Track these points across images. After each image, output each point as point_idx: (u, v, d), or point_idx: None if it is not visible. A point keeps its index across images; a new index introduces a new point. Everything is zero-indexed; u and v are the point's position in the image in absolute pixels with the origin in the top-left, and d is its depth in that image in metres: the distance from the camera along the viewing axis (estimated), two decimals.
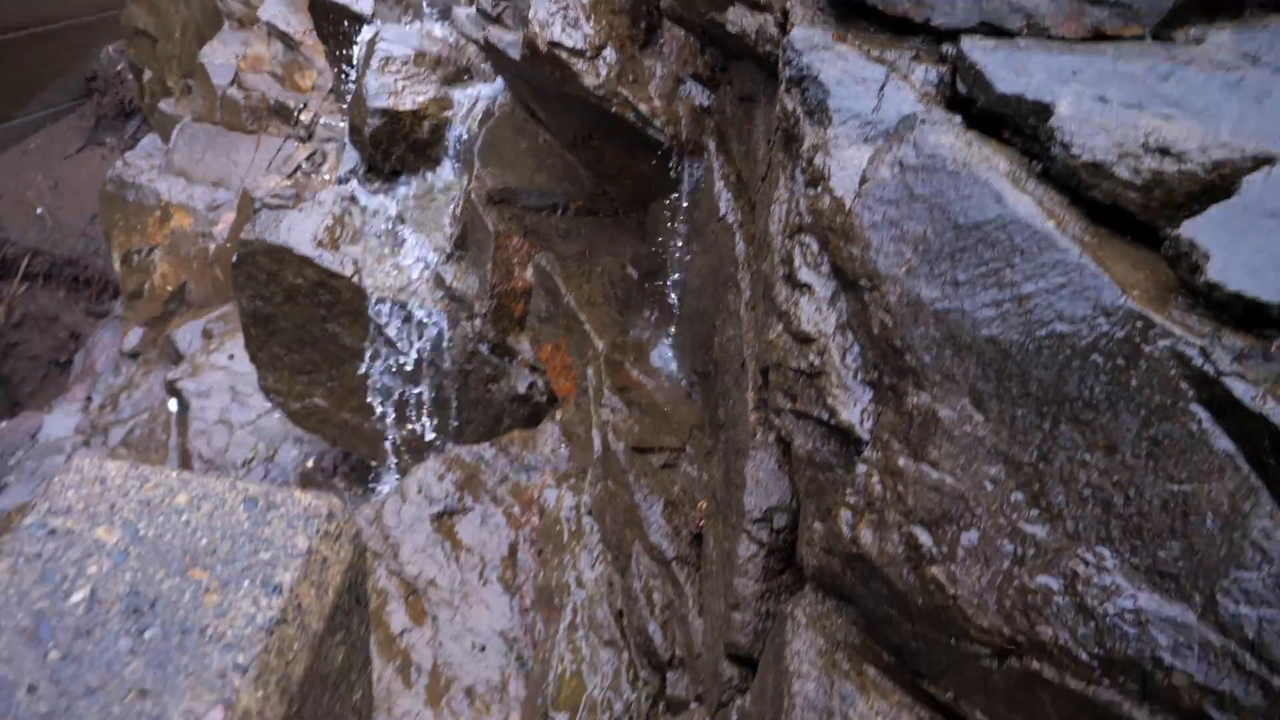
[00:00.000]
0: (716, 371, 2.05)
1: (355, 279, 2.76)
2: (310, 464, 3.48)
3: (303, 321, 2.96)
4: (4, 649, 0.77)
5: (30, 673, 0.76)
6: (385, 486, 3.17)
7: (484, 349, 2.82)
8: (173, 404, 4.96)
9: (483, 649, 2.33)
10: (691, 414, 2.29)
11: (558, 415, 2.68)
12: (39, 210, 6.81)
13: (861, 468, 1.24)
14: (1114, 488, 1.02)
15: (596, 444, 2.29)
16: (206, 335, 5.41)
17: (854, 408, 1.26)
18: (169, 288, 5.63)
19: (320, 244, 2.76)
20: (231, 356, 5.00)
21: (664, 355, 2.47)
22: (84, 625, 0.80)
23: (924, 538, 1.15)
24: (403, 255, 2.80)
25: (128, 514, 0.90)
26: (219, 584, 0.85)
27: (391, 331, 2.79)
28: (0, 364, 6.63)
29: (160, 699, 0.75)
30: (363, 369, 2.93)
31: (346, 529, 0.94)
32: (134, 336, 6.01)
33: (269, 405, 3.75)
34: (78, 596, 0.82)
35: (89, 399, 6.04)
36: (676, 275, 2.34)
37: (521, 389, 2.82)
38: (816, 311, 1.29)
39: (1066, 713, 1.07)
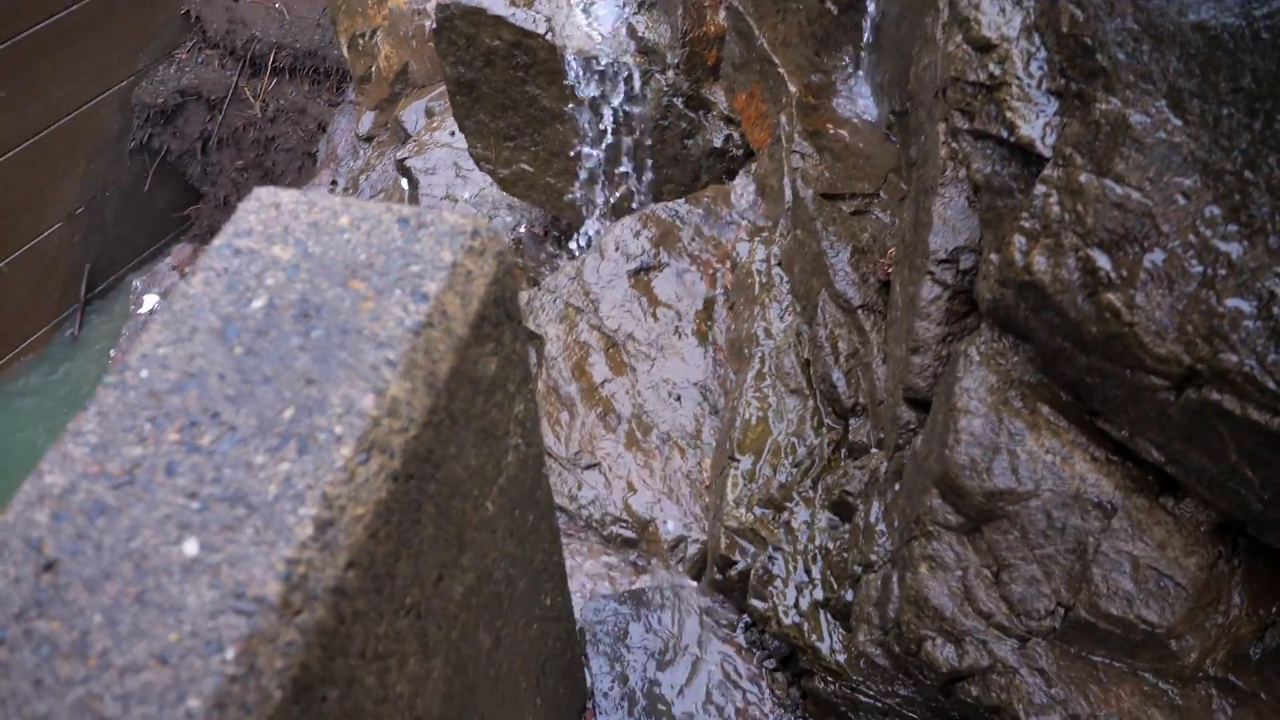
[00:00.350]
0: (913, 106, 1.91)
1: (548, 36, 2.74)
2: (522, 230, 3.64)
3: (503, 86, 3.01)
4: (199, 345, 0.89)
5: (219, 364, 0.87)
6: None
7: (678, 102, 2.76)
8: (404, 183, 5.27)
9: (678, 398, 2.43)
10: (888, 158, 2.16)
11: (752, 168, 2.62)
12: (276, 5, 7.14)
13: (1040, 188, 1.13)
14: None
15: (787, 193, 2.23)
16: (429, 114, 5.63)
17: (1035, 121, 1.14)
18: (393, 69, 5.84)
19: (513, 2, 2.75)
20: (452, 133, 5.19)
21: (863, 96, 2.32)
22: (262, 327, 0.90)
23: (1102, 261, 1.06)
24: (593, 7, 2.73)
25: (299, 234, 0.98)
26: (374, 293, 0.92)
27: (585, 90, 2.78)
28: (262, 157, 7.20)
29: (323, 386, 0.84)
30: (562, 131, 2.96)
31: (491, 245, 0.99)
32: (367, 120, 6.36)
33: (489, 180, 3.91)
34: (257, 303, 0.92)
35: (334, 183, 6.53)
36: (874, 3, 2.15)
37: (717, 142, 2.77)
38: (1000, 14, 1.16)
39: (1248, 448, 0.99)
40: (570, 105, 2.90)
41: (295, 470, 0.78)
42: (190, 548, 0.74)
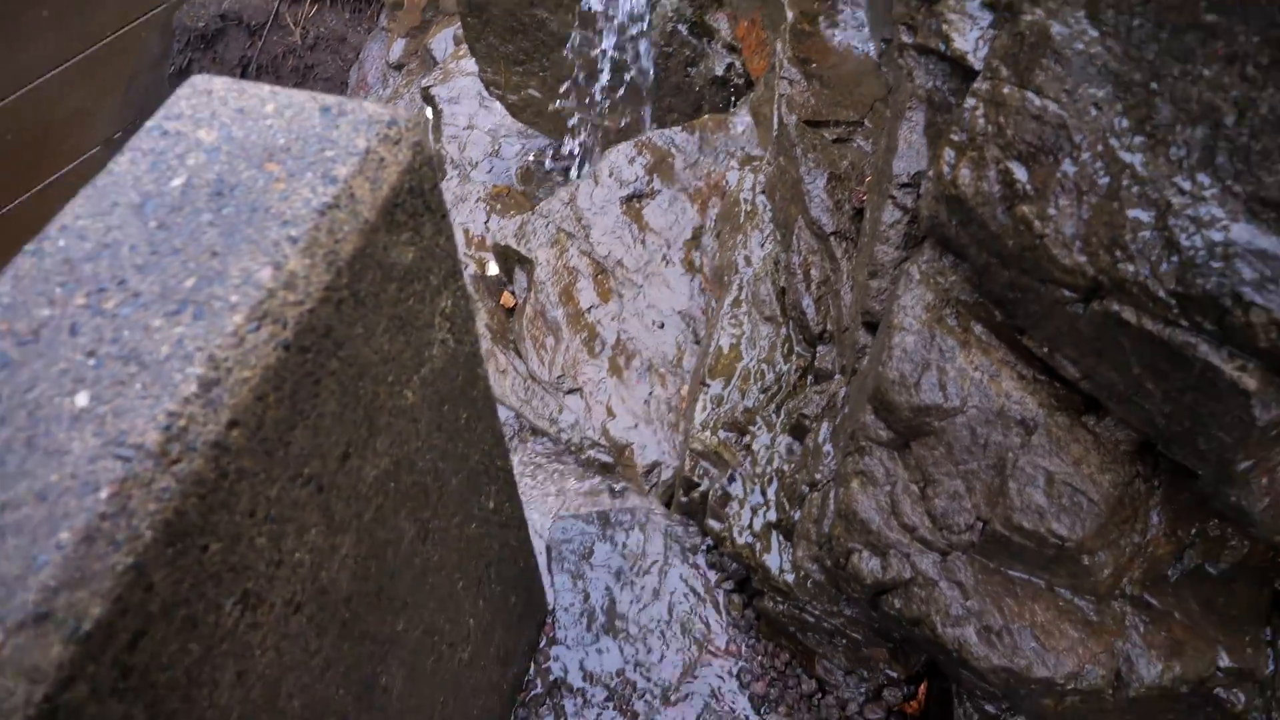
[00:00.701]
0: (895, 32, 1.89)
1: None
2: (531, 157, 3.64)
3: (512, 8, 3.00)
4: (117, 219, 0.93)
5: (133, 236, 0.91)
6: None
7: (683, 29, 2.74)
8: (428, 111, 5.27)
9: (661, 326, 2.46)
10: (877, 87, 2.14)
11: (750, 97, 2.61)
12: None
13: (969, 101, 1.13)
14: (1226, 104, 0.87)
15: (775, 120, 2.22)
16: (456, 41, 5.62)
17: (969, 34, 1.14)
18: None
19: None
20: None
21: (860, 23, 2.29)
22: (178, 204, 0.94)
23: (1019, 173, 1.06)
24: None
25: (225, 119, 1.02)
26: (287, 175, 0.95)
27: (591, 12, 2.77)
28: (301, 86, 7.18)
29: (226, 259, 0.88)
30: (570, 57, 2.96)
31: (408, 135, 1.01)
32: (398, 48, 6.36)
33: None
34: (176, 182, 0.96)
35: None
36: None
37: (719, 71, 2.75)
38: None
39: (1147, 359, 0.99)
40: (575, 30, 2.89)
41: (188, 334, 0.82)
42: (82, 399, 0.79)
